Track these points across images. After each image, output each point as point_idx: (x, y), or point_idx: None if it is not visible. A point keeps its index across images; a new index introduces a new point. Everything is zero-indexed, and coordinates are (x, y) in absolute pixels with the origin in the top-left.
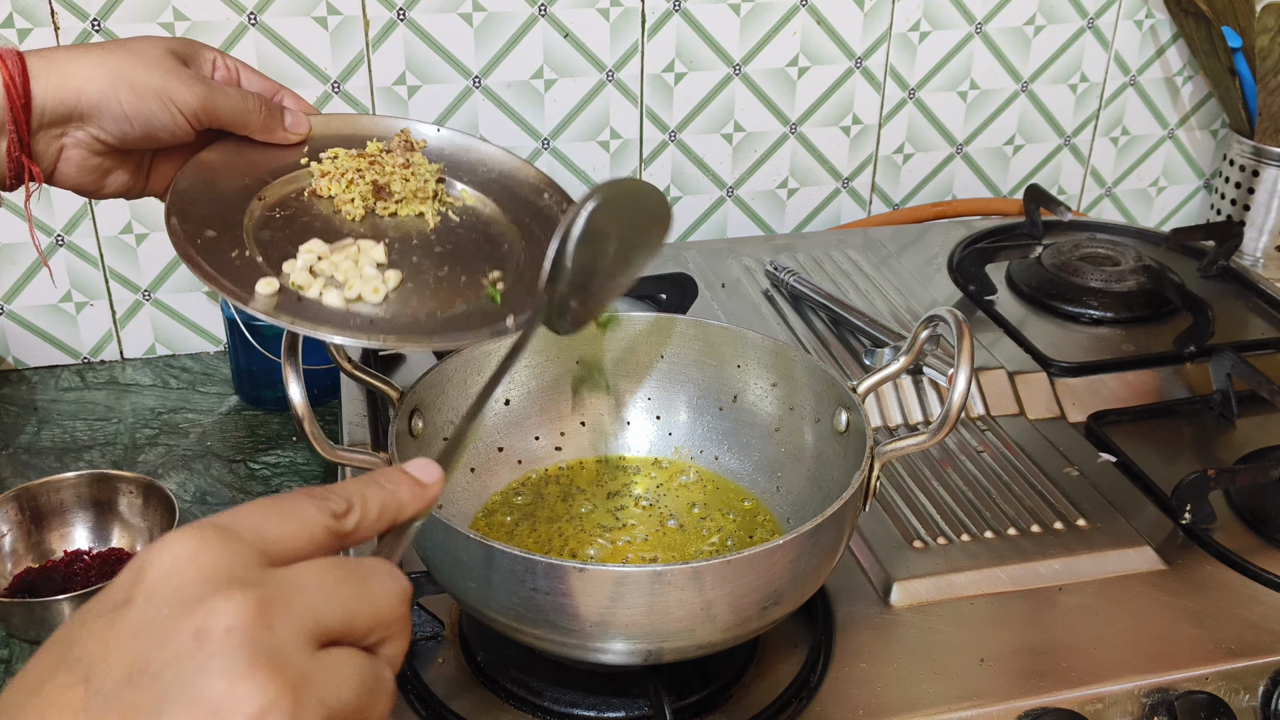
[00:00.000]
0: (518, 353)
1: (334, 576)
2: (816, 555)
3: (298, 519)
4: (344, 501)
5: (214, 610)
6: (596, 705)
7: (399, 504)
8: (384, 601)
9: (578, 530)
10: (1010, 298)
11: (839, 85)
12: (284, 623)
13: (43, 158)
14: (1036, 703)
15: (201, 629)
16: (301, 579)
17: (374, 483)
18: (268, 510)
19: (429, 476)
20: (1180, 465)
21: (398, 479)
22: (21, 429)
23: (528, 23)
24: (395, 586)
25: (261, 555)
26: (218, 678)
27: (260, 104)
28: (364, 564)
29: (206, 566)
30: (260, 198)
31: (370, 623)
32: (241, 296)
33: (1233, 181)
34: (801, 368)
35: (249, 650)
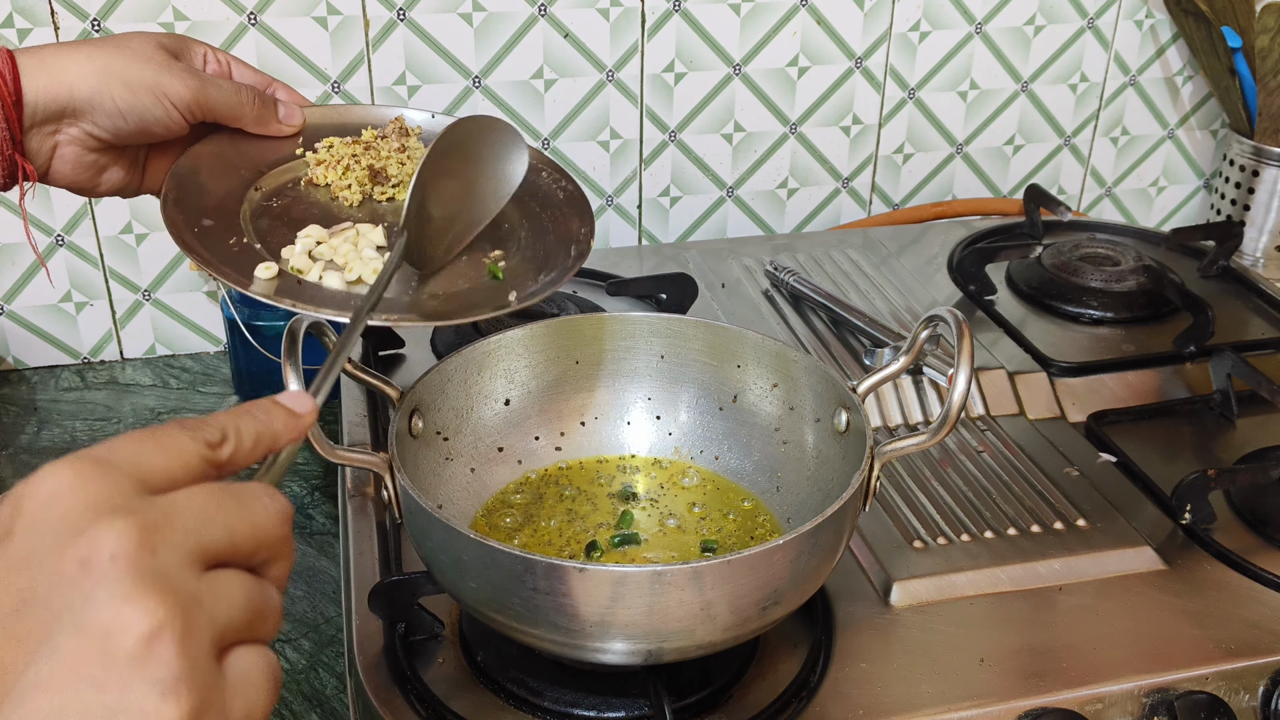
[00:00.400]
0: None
1: (214, 500)
2: (816, 555)
3: (173, 449)
4: (218, 431)
5: (97, 538)
6: (596, 705)
7: (274, 433)
8: (265, 522)
9: (578, 530)
10: (1010, 298)
11: (839, 85)
12: (168, 546)
13: (37, 156)
14: (1036, 703)
15: (86, 557)
16: (182, 504)
17: (247, 413)
18: (142, 441)
19: (302, 406)
20: (1180, 465)
21: (271, 409)
22: (21, 429)
23: (528, 23)
24: (275, 506)
25: (139, 484)
26: (105, 603)
27: (253, 96)
28: (243, 487)
29: (87, 496)
30: (257, 188)
31: (253, 543)
32: (240, 281)
33: (1233, 181)
34: (801, 368)
35: (135, 574)
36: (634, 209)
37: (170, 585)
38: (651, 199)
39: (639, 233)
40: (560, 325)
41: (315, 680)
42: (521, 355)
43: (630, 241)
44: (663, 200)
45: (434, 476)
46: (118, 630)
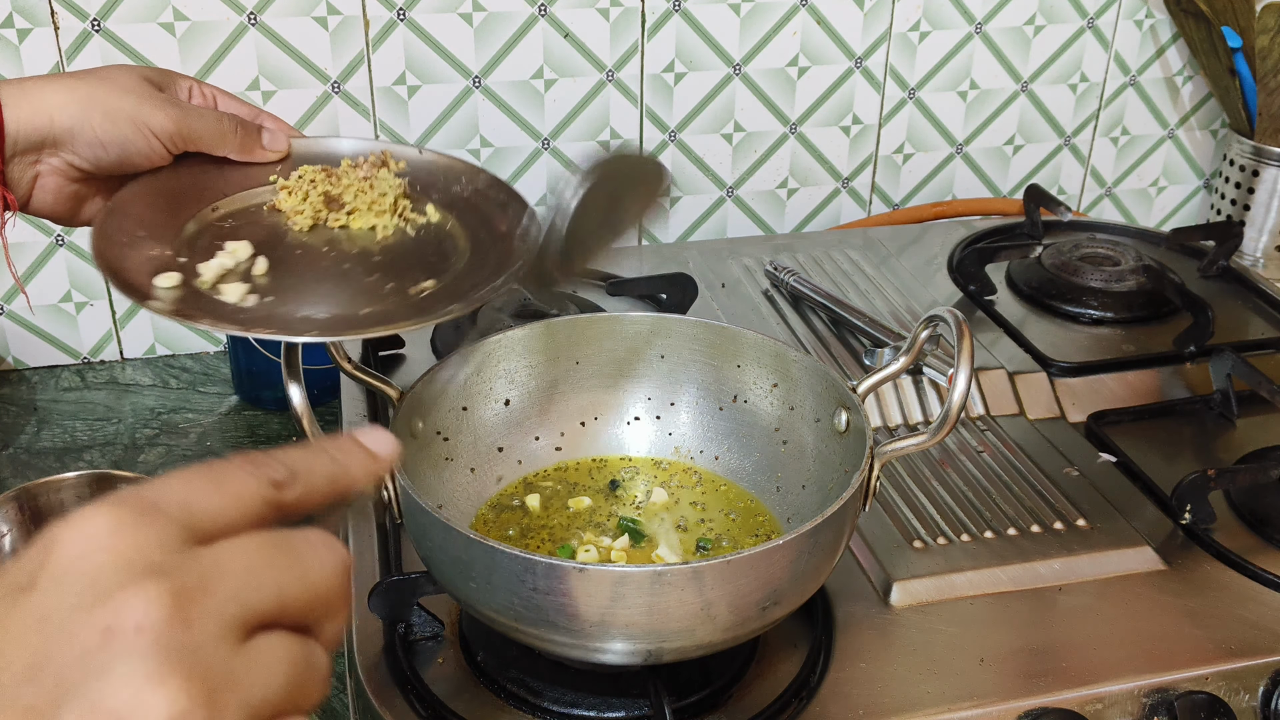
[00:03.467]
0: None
1: (264, 555)
2: (816, 555)
3: (231, 490)
4: (286, 470)
5: (124, 605)
6: (596, 705)
7: (349, 478)
8: (320, 578)
9: (578, 530)
10: (1010, 298)
11: (839, 85)
12: (203, 617)
13: (18, 185)
14: (1036, 703)
15: (110, 626)
16: (227, 561)
17: (323, 451)
18: (197, 480)
19: (384, 450)
20: (1180, 465)
21: (349, 449)
22: (21, 429)
23: (528, 23)
24: (333, 559)
25: (185, 532)
26: (124, 682)
27: (236, 124)
28: (297, 537)
29: (121, 550)
30: (215, 208)
31: (306, 603)
32: (138, 289)
33: (1233, 181)
34: (801, 368)
35: (160, 652)
36: None
37: (198, 665)
38: None
39: (639, 232)
40: (560, 325)
41: None
42: (521, 355)
43: (630, 241)
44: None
45: (434, 476)
46: (134, 715)
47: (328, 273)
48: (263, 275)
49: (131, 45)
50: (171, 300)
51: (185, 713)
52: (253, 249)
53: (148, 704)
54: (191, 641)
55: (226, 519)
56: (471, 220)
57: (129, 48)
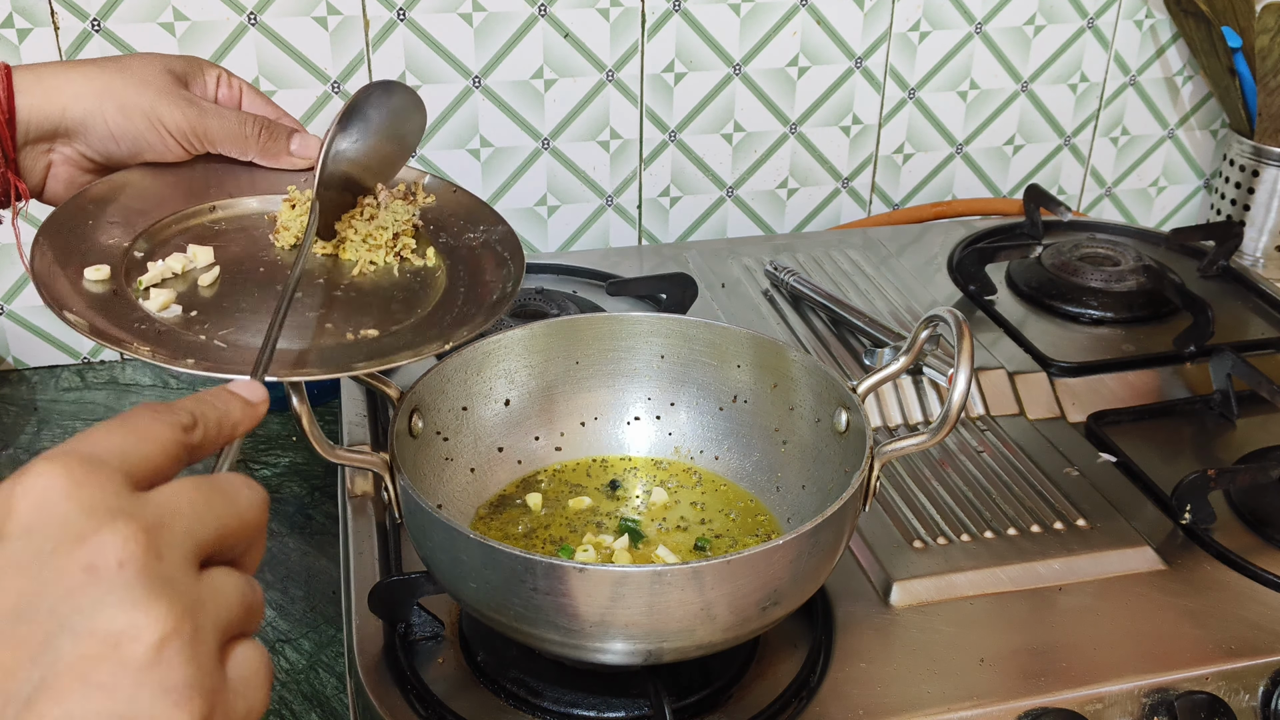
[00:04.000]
0: (303, 251)
1: (203, 496)
2: (816, 555)
3: (153, 438)
4: (189, 415)
5: (103, 544)
6: (596, 705)
7: (234, 421)
8: (249, 513)
9: (578, 531)
10: (1010, 298)
11: (839, 85)
12: (170, 549)
13: (30, 174)
14: (1036, 703)
15: (92, 563)
16: (175, 502)
17: (207, 401)
18: (123, 432)
19: (255, 395)
20: (1180, 465)
21: (228, 398)
22: (21, 429)
23: (528, 23)
24: (256, 496)
25: (129, 479)
26: (115, 610)
27: (259, 126)
28: (225, 479)
29: (83, 499)
30: (214, 207)
31: (240, 536)
32: (57, 296)
33: (1233, 181)
34: (801, 368)
35: (143, 581)
36: (634, 209)
37: (177, 590)
38: (651, 199)
39: (639, 233)
40: (560, 325)
41: (315, 680)
42: (521, 355)
43: (630, 241)
44: (663, 200)
45: (434, 476)
46: (128, 638)
47: (273, 299)
48: (209, 287)
49: (131, 45)
50: (90, 301)
51: (173, 630)
52: (213, 258)
53: (139, 625)
54: (166, 571)
55: (155, 465)
56: (460, 272)
57: (129, 48)
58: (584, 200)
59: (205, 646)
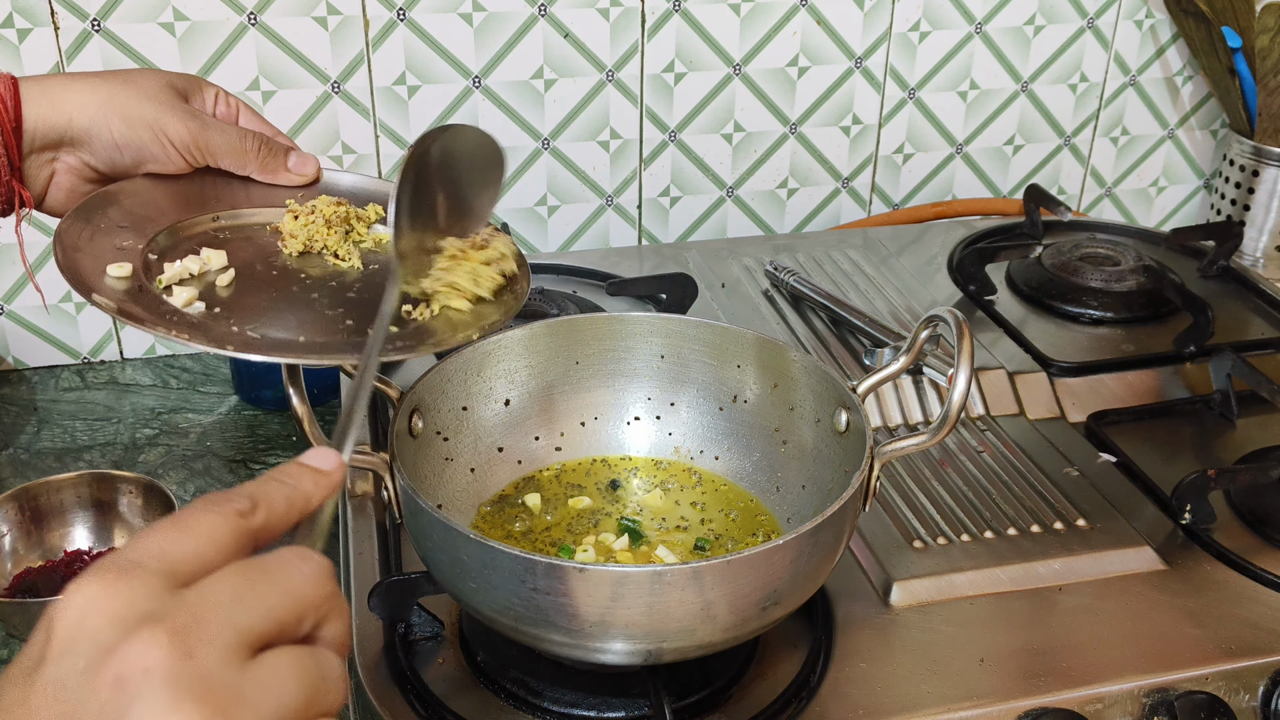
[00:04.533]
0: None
1: (244, 580)
2: (816, 555)
3: (200, 531)
4: (248, 501)
5: (128, 654)
6: (596, 705)
7: (305, 495)
8: (303, 587)
9: (578, 531)
10: (1010, 298)
11: (839, 85)
12: (203, 645)
13: (34, 183)
14: (1036, 703)
15: (120, 675)
16: (211, 593)
17: (273, 479)
18: (168, 530)
19: (329, 464)
20: (1180, 465)
21: (298, 472)
22: (21, 429)
23: (528, 23)
24: (310, 568)
25: (168, 579)
26: (144, 718)
27: (260, 142)
28: (271, 557)
29: (114, 609)
30: (216, 217)
31: (296, 613)
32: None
33: (1233, 181)
34: (801, 368)
35: (170, 684)
36: (634, 209)
37: (209, 688)
38: (651, 199)
39: (639, 233)
40: (560, 325)
41: None
42: (521, 355)
43: (630, 241)
44: (663, 200)
45: (434, 476)
46: None
47: (292, 299)
48: (226, 288)
49: (131, 45)
50: (116, 295)
51: None
52: (227, 261)
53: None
54: (197, 669)
55: (202, 558)
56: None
57: (129, 48)
58: (584, 200)
59: None
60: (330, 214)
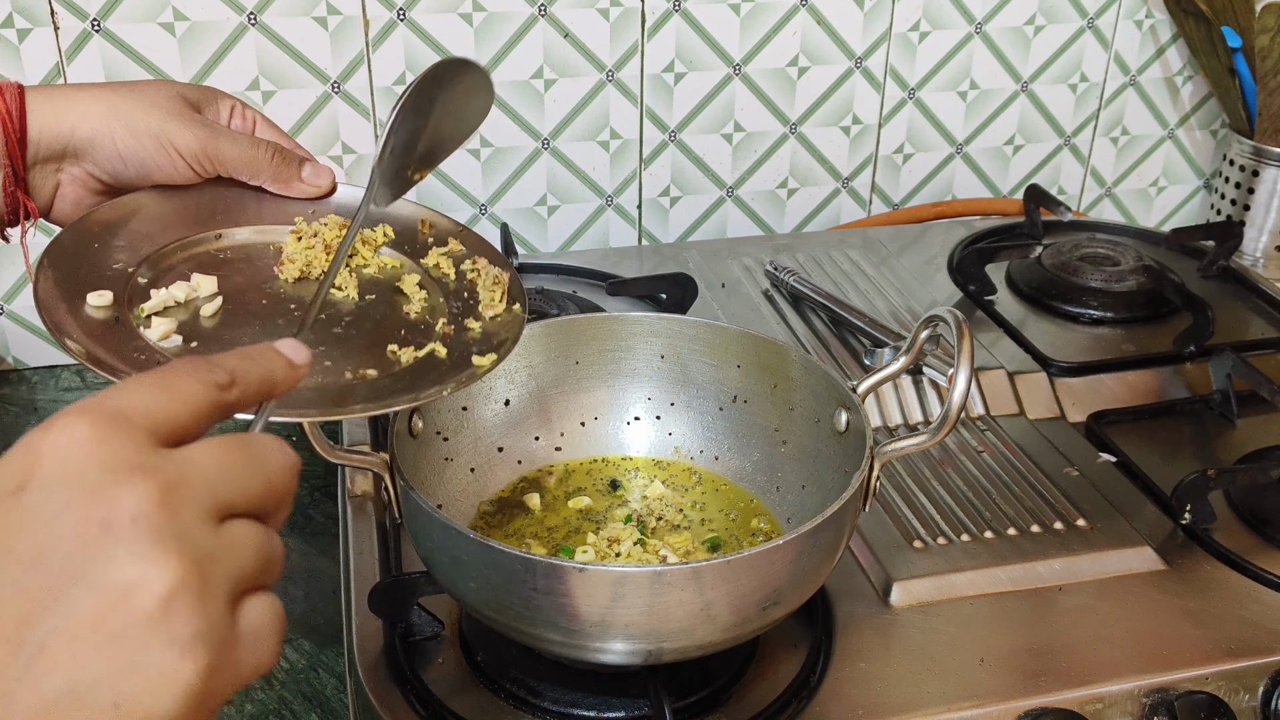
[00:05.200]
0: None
1: (230, 455)
2: (816, 555)
3: (185, 395)
4: (227, 374)
5: (118, 499)
6: (596, 705)
7: (274, 380)
8: (277, 476)
9: (577, 530)
10: (1010, 298)
11: (839, 85)
12: (186, 505)
13: (39, 193)
14: (1036, 703)
15: (107, 518)
16: (198, 460)
17: (249, 358)
18: (153, 389)
19: (299, 357)
20: (1180, 465)
21: (273, 356)
22: (21, 429)
23: (528, 23)
24: (286, 460)
25: (153, 435)
26: (125, 562)
27: (273, 152)
28: (256, 440)
29: (105, 454)
30: (219, 235)
31: (264, 495)
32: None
33: (1233, 181)
34: (801, 368)
35: (155, 535)
36: (634, 209)
37: (189, 544)
38: (651, 199)
39: (639, 233)
40: (560, 325)
41: (315, 680)
42: (521, 355)
43: (630, 241)
44: (663, 200)
45: (434, 476)
46: (137, 589)
47: (275, 333)
48: (210, 318)
49: (131, 45)
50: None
51: (180, 582)
52: (216, 287)
53: (149, 577)
54: (179, 526)
55: (183, 423)
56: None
57: (129, 48)
58: (584, 200)
59: (215, 599)
60: (332, 238)
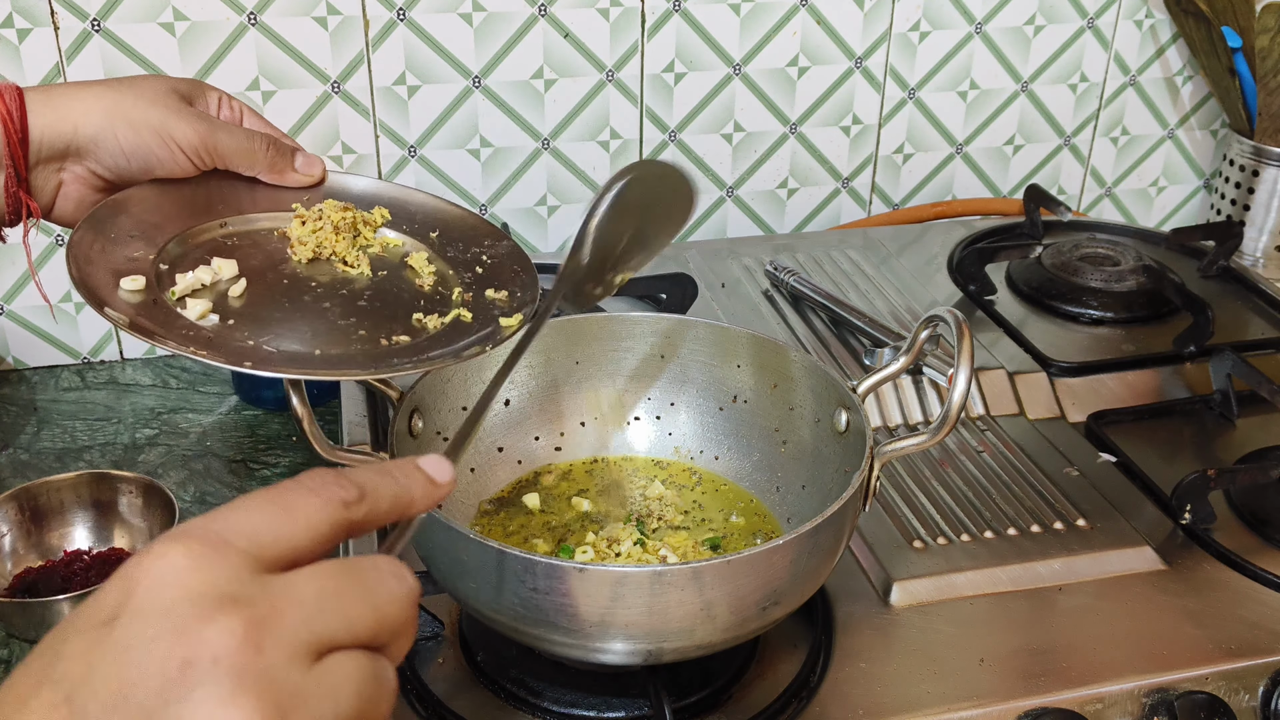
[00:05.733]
0: (532, 335)
1: (335, 584)
2: (816, 555)
3: (299, 515)
4: (356, 490)
5: (202, 639)
6: (596, 705)
7: (411, 499)
8: (390, 607)
9: (577, 530)
10: (1010, 298)
11: (839, 85)
12: (275, 641)
13: (41, 193)
14: (1036, 703)
15: (188, 659)
16: (298, 590)
17: (388, 474)
18: (265, 508)
19: (442, 476)
20: (1180, 465)
21: (412, 473)
22: (21, 429)
23: (528, 23)
24: (402, 589)
25: (256, 562)
26: (201, 707)
27: (268, 143)
28: (368, 566)
29: (196, 585)
30: (224, 223)
31: (373, 629)
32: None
33: (1233, 181)
34: (801, 368)
35: (234, 678)
36: None
37: (270, 686)
38: None
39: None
40: (560, 325)
41: None
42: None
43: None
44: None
45: None
46: None
47: (304, 308)
48: (238, 298)
49: (131, 45)
50: (129, 308)
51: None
52: (238, 270)
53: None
54: (263, 666)
55: (295, 545)
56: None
57: (129, 48)
58: (584, 200)
59: None
60: (338, 220)
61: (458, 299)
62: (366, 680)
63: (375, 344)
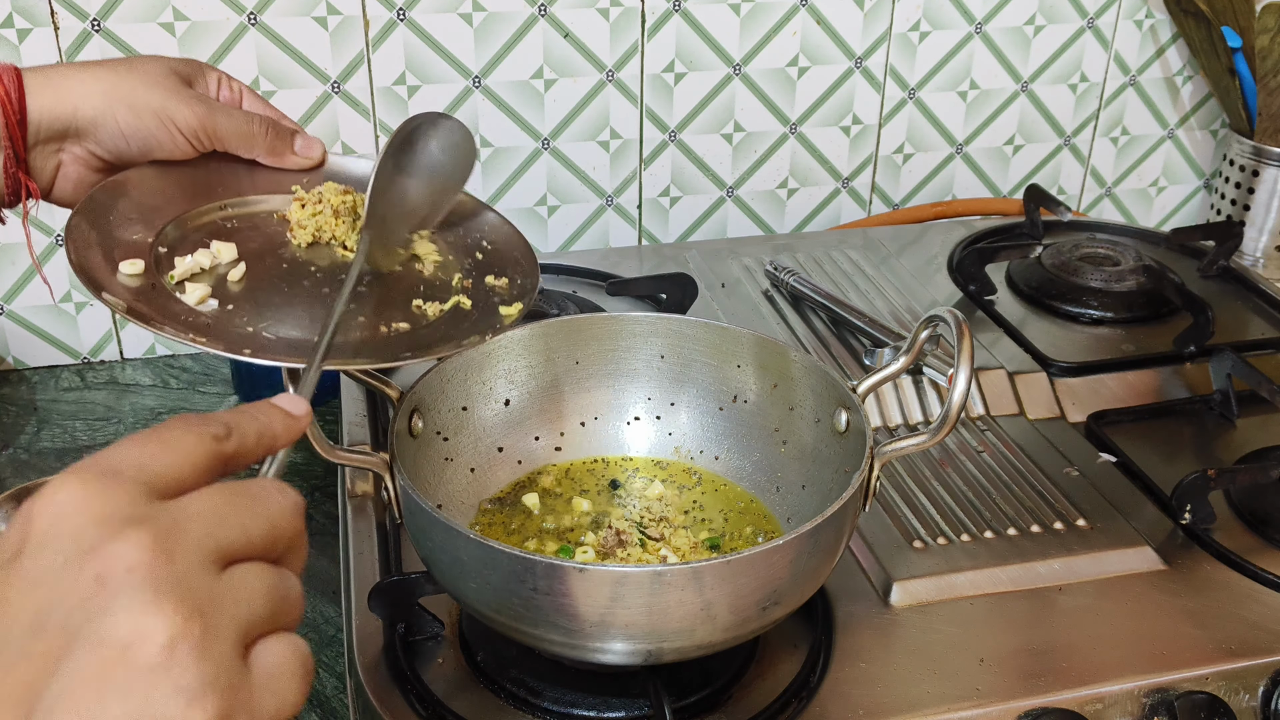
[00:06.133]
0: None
1: (227, 500)
2: (816, 555)
3: (179, 448)
4: (223, 426)
5: (112, 553)
6: (596, 705)
7: (274, 435)
8: (278, 517)
9: (577, 530)
10: (1010, 298)
11: (839, 85)
12: (183, 551)
13: (40, 174)
14: (1036, 703)
15: (101, 573)
16: (195, 507)
17: (247, 413)
18: (146, 444)
19: (298, 409)
20: (1180, 465)
21: (269, 410)
22: (21, 429)
23: (528, 23)
24: (287, 501)
25: (147, 489)
26: (123, 615)
27: (267, 126)
28: (254, 484)
29: (96, 510)
30: (224, 206)
31: (268, 538)
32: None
33: (1233, 181)
34: (801, 368)
35: (151, 584)
36: (634, 209)
37: (187, 590)
38: (651, 199)
39: (639, 233)
40: (560, 325)
41: (315, 680)
42: (521, 355)
43: (630, 241)
44: (663, 200)
45: (434, 476)
46: (138, 640)
47: (304, 294)
48: (237, 282)
49: (131, 45)
50: (127, 293)
51: (182, 631)
52: (237, 253)
53: (149, 628)
54: (176, 572)
55: (180, 475)
56: (480, 269)
57: (129, 48)
58: (584, 200)
59: (221, 644)
60: (338, 203)
61: (457, 285)
62: (273, 585)
63: (375, 331)
